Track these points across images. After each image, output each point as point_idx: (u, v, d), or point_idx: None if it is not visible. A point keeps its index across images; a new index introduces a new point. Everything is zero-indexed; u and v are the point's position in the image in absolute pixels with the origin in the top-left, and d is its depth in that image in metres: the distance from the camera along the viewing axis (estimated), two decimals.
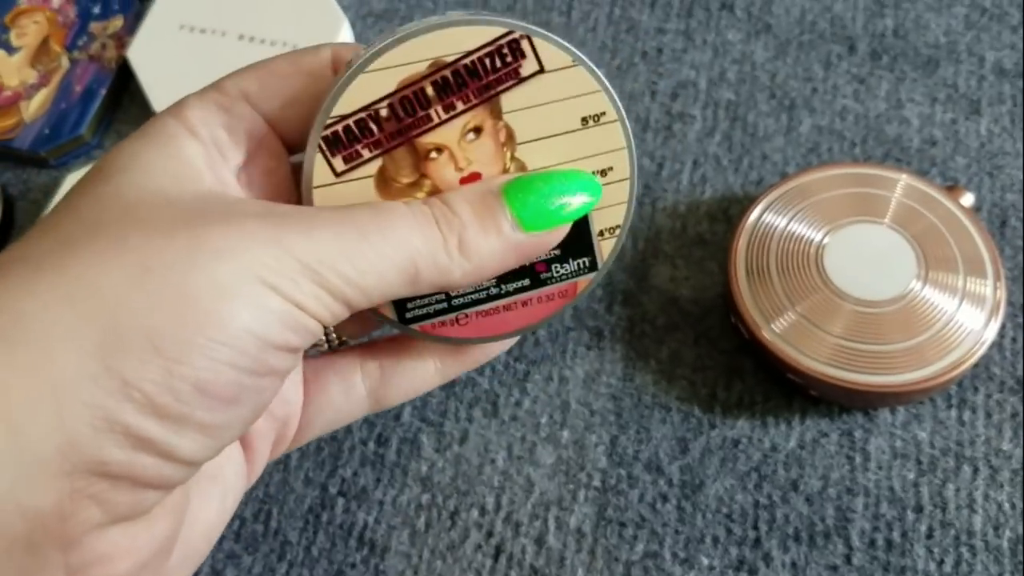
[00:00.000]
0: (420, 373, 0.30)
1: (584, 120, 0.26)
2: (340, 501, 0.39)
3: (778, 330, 0.37)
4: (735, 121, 0.46)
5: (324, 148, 0.25)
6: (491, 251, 0.25)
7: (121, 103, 0.51)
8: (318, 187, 0.26)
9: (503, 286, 0.28)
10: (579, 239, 0.27)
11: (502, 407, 0.40)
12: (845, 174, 0.40)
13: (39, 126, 0.49)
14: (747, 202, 0.41)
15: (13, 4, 0.52)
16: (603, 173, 0.27)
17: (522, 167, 0.26)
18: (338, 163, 0.26)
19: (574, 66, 0.26)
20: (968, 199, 0.40)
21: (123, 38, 0.51)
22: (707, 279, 0.42)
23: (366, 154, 0.26)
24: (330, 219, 0.23)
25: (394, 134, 0.25)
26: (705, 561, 0.36)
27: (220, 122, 0.26)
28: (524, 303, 0.28)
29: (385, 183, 0.26)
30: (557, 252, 0.28)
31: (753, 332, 0.37)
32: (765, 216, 0.40)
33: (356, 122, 0.25)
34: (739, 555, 0.36)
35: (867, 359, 0.36)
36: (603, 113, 0.26)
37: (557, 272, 0.28)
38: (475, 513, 0.38)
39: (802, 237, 0.39)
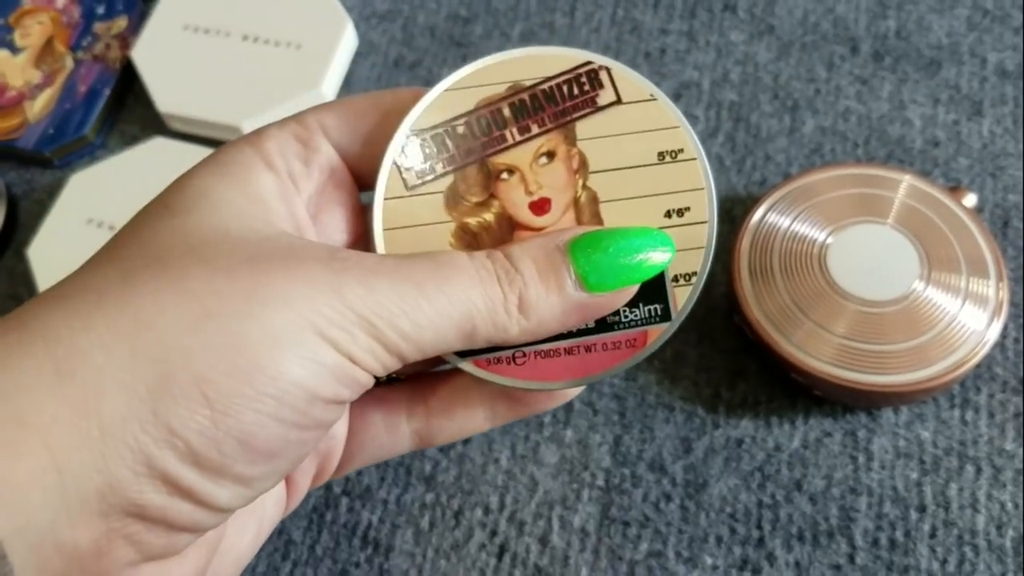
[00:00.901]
0: (469, 417, 0.29)
1: (661, 155, 0.26)
2: (344, 500, 0.39)
3: (781, 330, 0.37)
4: (738, 122, 0.46)
5: (398, 160, 0.26)
6: (551, 311, 0.24)
7: (125, 103, 0.51)
8: (388, 199, 0.26)
9: None
10: (652, 283, 0.26)
11: None
12: (848, 175, 0.40)
13: (43, 126, 0.49)
14: (750, 202, 0.41)
15: (17, 4, 0.53)
16: (679, 213, 0.26)
17: (593, 197, 0.26)
18: (410, 177, 0.26)
19: (652, 100, 0.26)
20: (971, 200, 0.40)
21: (127, 38, 0.51)
22: (710, 279, 0.42)
23: (439, 169, 0.26)
24: (391, 269, 0.23)
25: (468, 152, 0.26)
26: (709, 560, 0.36)
27: (296, 153, 0.25)
28: (588, 348, 0.26)
29: (454, 201, 0.26)
30: None
31: (757, 332, 0.37)
32: (768, 216, 0.40)
33: (433, 136, 0.26)
34: (743, 554, 0.36)
35: (870, 359, 0.36)
36: (681, 150, 0.26)
37: (626, 317, 0.26)
38: (479, 512, 0.38)
39: (805, 237, 0.39)
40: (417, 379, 0.29)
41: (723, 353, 0.40)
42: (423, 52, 0.50)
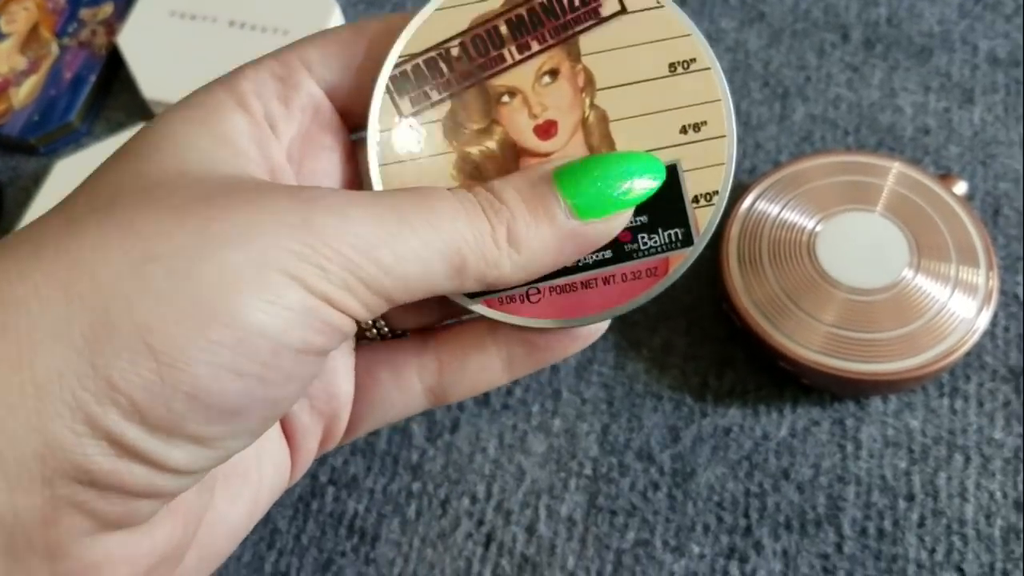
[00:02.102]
0: (485, 367, 0.27)
1: (672, 66, 0.24)
2: (330, 489, 0.38)
3: (770, 318, 0.37)
4: None
5: (391, 88, 0.24)
6: (543, 242, 0.22)
7: (111, 90, 0.51)
8: (383, 131, 0.24)
9: (580, 257, 0.24)
10: (670, 206, 0.24)
11: (493, 396, 0.40)
12: (838, 162, 0.40)
13: (28, 113, 0.48)
14: (740, 190, 0.41)
15: None
16: (696, 128, 0.24)
17: (603, 116, 0.24)
18: (405, 105, 0.24)
19: (660, 7, 0.24)
20: (961, 188, 0.40)
21: (113, 24, 0.51)
22: (699, 267, 0.42)
23: (435, 96, 0.24)
24: (368, 200, 0.21)
25: (465, 75, 0.24)
26: (696, 549, 0.36)
27: (275, 92, 0.23)
28: (606, 280, 0.24)
29: (454, 129, 0.24)
30: (644, 219, 0.24)
31: (745, 320, 0.37)
32: (758, 204, 0.40)
33: (426, 61, 0.24)
34: (730, 543, 0.36)
35: (859, 347, 0.36)
36: (693, 59, 0.24)
37: (644, 244, 0.24)
38: (466, 501, 0.38)
39: (794, 225, 0.39)
40: (427, 333, 0.27)
41: (711, 341, 0.40)
42: None
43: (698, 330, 0.40)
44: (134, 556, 0.20)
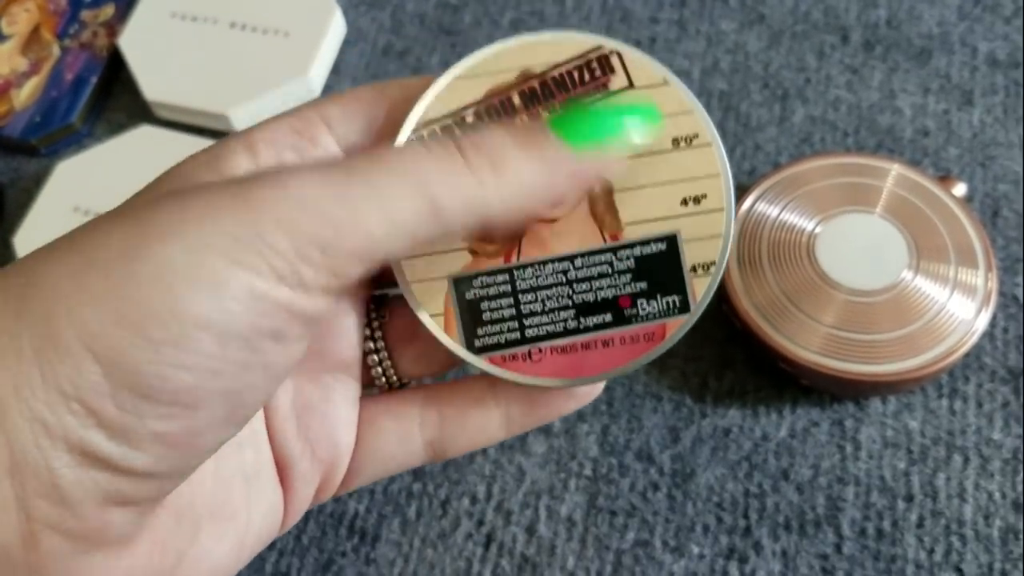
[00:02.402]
0: (484, 425, 0.27)
1: (675, 141, 0.25)
2: None
3: (769, 319, 0.37)
4: (728, 111, 0.46)
5: None
6: (531, 167, 0.21)
7: (112, 91, 0.51)
8: None
9: (582, 319, 0.25)
10: (669, 274, 0.25)
11: None
12: (837, 164, 0.40)
13: (30, 114, 0.48)
14: (739, 192, 0.41)
15: None
16: (696, 200, 0.25)
17: (607, 186, 0.25)
18: None
19: (665, 84, 0.25)
20: (960, 189, 0.40)
21: (114, 26, 0.51)
22: None
23: None
24: (312, 165, 0.20)
25: None
26: (695, 550, 0.36)
27: (290, 144, 0.23)
28: (605, 342, 0.25)
29: None
30: (643, 286, 0.25)
31: (745, 321, 0.37)
32: (757, 206, 0.40)
33: (443, 128, 0.25)
34: (729, 544, 0.36)
35: (858, 348, 0.36)
36: (696, 135, 0.25)
37: (643, 309, 0.25)
38: (466, 502, 0.38)
39: (794, 227, 0.39)
40: (430, 387, 0.28)
41: (711, 342, 0.40)
42: (412, 40, 0.50)
43: (698, 331, 0.41)
44: (116, 573, 0.20)
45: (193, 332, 0.18)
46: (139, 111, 0.49)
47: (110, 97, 0.51)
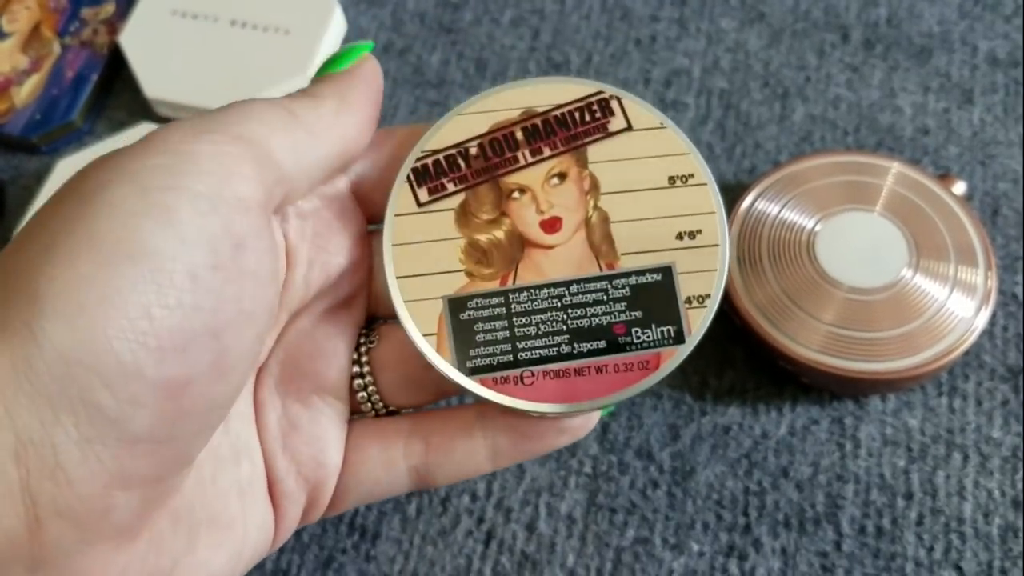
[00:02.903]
0: (470, 455, 0.27)
1: (672, 179, 0.26)
2: None
3: (769, 317, 0.37)
4: (728, 109, 0.46)
5: (412, 178, 0.26)
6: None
7: (113, 89, 0.51)
8: (399, 215, 0.26)
9: (576, 345, 0.25)
10: (665, 304, 0.25)
11: None
12: (837, 162, 0.40)
13: (30, 112, 0.48)
14: (739, 190, 0.41)
15: None
16: (691, 235, 0.26)
17: (604, 217, 0.26)
18: (423, 193, 0.26)
19: (662, 128, 0.26)
20: (960, 188, 0.40)
21: (115, 24, 0.51)
22: None
23: (451, 187, 0.26)
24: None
25: (480, 171, 0.26)
26: (695, 547, 0.36)
27: None
28: (599, 368, 0.25)
29: (465, 217, 0.26)
30: (638, 315, 0.25)
31: (744, 319, 0.37)
32: (757, 204, 0.40)
33: (446, 157, 0.26)
34: (729, 541, 0.36)
35: (858, 346, 0.36)
36: (691, 175, 0.26)
37: (638, 338, 0.25)
38: (466, 499, 0.38)
39: (794, 225, 0.39)
40: (417, 415, 0.28)
41: (711, 340, 0.40)
42: (412, 38, 0.50)
43: None
44: (111, 570, 0.21)
45: (165, 264, 0.19)
46: (140, 109, 0.49)
47: (111, 95, 0.51)
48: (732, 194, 0.43)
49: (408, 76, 0.49)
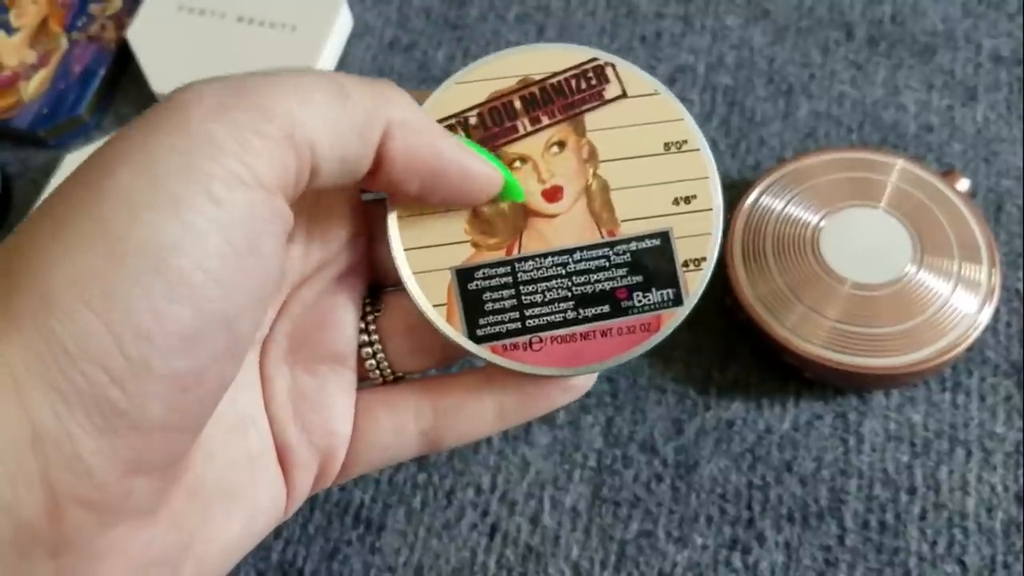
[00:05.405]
0: (478, 416, 0.27)
1: (667, 145, 0.27)
2: None
3: (774, 312, 0.37)
4: (733, 106, 0.46)
5: None
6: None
7: (120, 84, 0.51)
8: None
9: (581, 310, 0.26)
10: (664, 268, 0.26)
11: None
12: (842, 159, 0.40)
13: (38, 106, 0.49)
14: (744, 186, 0.41)
15: None
16: (687, 200, 0.27)
17: (604, 185, 0.26)
18: None
19: (656, 95, 0.27)
20: (964, 184, 0.40)
21: (122, 19, 0.51)
22: None
23: None
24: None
25: (481, 142, 0.26)
26: (699, 540, 0.36)
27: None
28: (603, 332, 0.26)
29: None
30: (639, 279, 0.26)
31: (749, 315, 0.38)
32: (762, 200, 0.40)
33: (447, 128, 0.26)
34: (732, 535, 0.36)
35: (862, 342, 0.36)
36: (685, 141, 0.27)
37: (639, 301, 0.26)
38: (471, 492, 0.38)
39: (798, 221, 0.39)
40: (425, 380, 0.28)
41: (715, 335, 0.40)
42: (418, 34, 0.50)
43: (702, 324, 0.41)
44: (133, 548, 0.21)
45: (172, 258, 0.19)
46: (147, 103, 0.49)
47: (118, 89, 0.51)
48: (736, 190, 0.43)
49: (414, 72, 0.49)
